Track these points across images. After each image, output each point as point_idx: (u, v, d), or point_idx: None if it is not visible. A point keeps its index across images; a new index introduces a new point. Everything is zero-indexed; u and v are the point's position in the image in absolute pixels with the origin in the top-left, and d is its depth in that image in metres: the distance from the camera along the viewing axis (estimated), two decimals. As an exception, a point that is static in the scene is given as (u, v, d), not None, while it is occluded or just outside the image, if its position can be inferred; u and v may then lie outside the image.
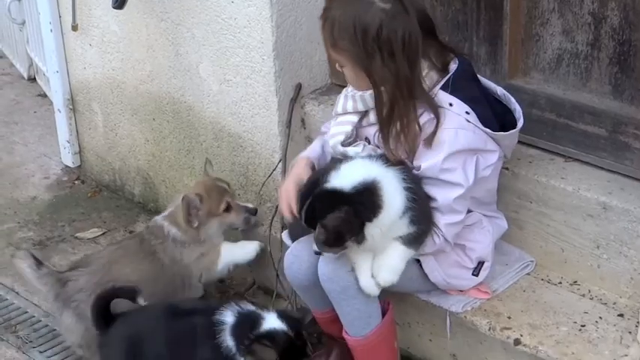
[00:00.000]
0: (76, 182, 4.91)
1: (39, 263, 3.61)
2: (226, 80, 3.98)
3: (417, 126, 3.05)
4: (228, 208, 3.74)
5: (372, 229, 2.96)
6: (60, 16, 4.61)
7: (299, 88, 3.84)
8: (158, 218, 3.77)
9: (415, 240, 3.06)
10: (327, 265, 3.12)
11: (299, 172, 3.28)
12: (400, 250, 3.06)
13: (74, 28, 4.50)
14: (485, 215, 3.29)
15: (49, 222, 4.59)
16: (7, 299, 4.06)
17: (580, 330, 3.19)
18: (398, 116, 3.05)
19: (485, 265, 3.29)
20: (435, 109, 3.04)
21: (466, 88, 3.11)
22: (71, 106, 4.80)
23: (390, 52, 2.97)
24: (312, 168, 3.32)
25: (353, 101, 3.20)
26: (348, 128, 3.23)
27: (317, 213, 2.97)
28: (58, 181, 4.93)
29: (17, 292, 4.08)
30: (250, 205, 3.82)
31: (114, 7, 4.13)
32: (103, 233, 4.46)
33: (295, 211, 3.16)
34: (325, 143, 3.37)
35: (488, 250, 3.28)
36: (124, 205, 4.69)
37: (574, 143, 3.43)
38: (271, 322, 3.14)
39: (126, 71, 4.43)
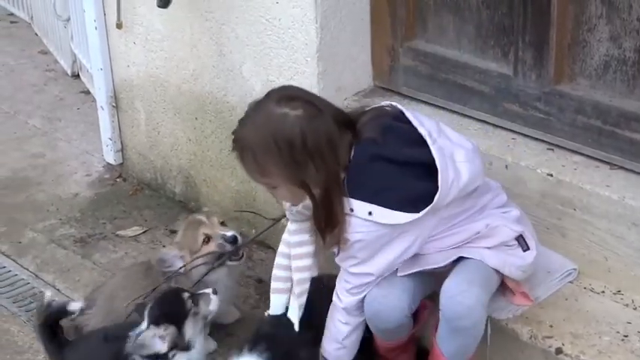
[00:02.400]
0: (118, 180, 4.93)
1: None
2: (269, 81, 3.97)
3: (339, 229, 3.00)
4: (207, 240, 3.61)
5: None
6: (105, 14, 4.63)
7: None
8: (169, 253, 3.64)
9: None
10: (459, 305, 2.99)
11: None
12: None
13: (118, 25, 4.51)
14: (484, 218, 3.17)
15: (91, 219, 4.61)
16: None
17: (623, 340, 3.14)
18: (334, 215, 2.97)
19: (526, 235, 3.17)
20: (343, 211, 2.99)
21: (364, 181, 2.97)
22: (114, 104, 4.81)
23: (321, 155, 2.88)
24: None
25: (294, 215, 3.17)
26: (309, 262, 3.25)
27: None
28: (100, 178, 4.95)
29: (58, 289, 4.10)
30: (228, 234, 3.61)
31: (158, 6, 4.15)
32: (144, 231, 4.47)
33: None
34: None
35: (510, 230, 3.14)
36: (164, 204, 4.70)
37: (620, 151, 3.38)
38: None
39: (169, 70, 4.44)
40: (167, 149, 4.64)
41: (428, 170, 2.95)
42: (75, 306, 3.50)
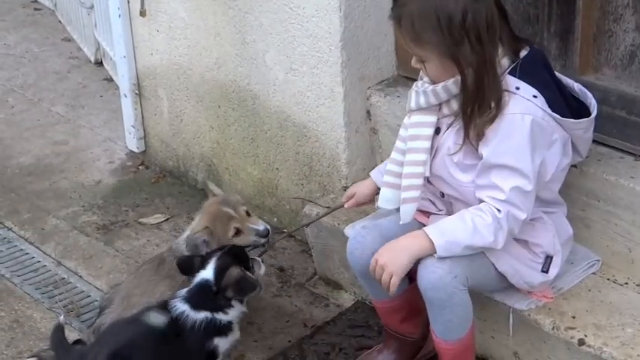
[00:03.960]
0: (140, 167, 4.94)
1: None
2: (292, 70, 3.97)
3: (495, 109, 2.97)
4: (237, 233, 3.60)
5: None
6: (128, 2, 4.63)
7: None
8: (180, 242, 3.64)
9: None
10: (432, 274, 3.01)
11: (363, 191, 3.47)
12: None
13: (142, 13, 4.52)
14: (546, 212, 3.22)
15: (113, 206, 4.62)
16: (70, 282, 4.09)
17: (646, 332, 3.14)
18: (481, 99, 2.96)
19: (555, 260, 3.19)
20: (501, 93, 2.97)
21: (535, 73, 3.02)
22: (137, 92, 4.82)
23: (477, 36, 2.90)
24: (375, 193, 3.42)
25: (425, 96, 3.08)
26: (430, 131, 3.13)
27: None
28: (123, 165, 4.97)
29: (80, 276, 4.12)
30: (261, 227, 3.62)
31: (182, -6, 4.15)
32: (166, 219, 4.48)
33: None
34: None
35: (552, 245, 3.19)
36: (187, 192, 4.71)
37: (645, 142, 3.37)
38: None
39: (192, 58, 4.44)
40: (190, 137, 4.65)
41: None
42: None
